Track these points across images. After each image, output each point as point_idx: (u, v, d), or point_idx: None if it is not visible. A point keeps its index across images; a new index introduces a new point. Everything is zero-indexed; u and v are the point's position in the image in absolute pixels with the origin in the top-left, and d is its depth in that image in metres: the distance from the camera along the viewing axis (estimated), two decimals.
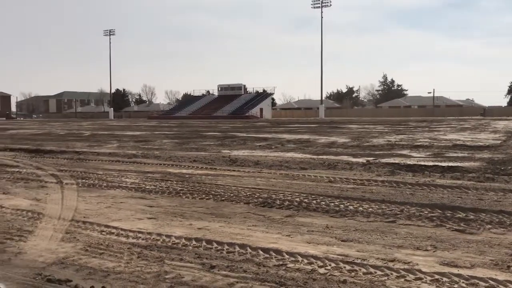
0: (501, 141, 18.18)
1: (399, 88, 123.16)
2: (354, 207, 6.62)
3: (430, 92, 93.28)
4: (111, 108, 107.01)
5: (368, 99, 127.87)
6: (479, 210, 6.28)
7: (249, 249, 4.73)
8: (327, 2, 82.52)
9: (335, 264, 4.26)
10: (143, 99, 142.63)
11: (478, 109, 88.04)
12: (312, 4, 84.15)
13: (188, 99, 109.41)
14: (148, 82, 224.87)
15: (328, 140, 19.99)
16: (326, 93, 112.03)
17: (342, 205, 6.76)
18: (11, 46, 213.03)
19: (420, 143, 17.37)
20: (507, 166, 10.38)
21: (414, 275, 3.98)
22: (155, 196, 7.71)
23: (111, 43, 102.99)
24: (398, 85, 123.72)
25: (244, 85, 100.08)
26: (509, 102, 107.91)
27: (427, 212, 6.27)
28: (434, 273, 3.99)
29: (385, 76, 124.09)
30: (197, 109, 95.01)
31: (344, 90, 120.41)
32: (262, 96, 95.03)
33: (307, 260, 4.37)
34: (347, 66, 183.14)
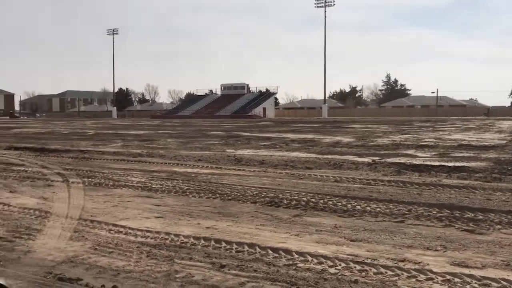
0: (507, 141, 18.11)
1: (403, 88, 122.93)
2: (362, 207, 6.60)
3: (434, 92, 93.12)
4: (114, 107, 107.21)
5: (371, 99, 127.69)
6: (488, 210, 6.25)
7: (258, 249, 4.71)
8: (331, 2, 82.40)
9: (345, 264, 4.24)
10: (146, 99, 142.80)
11: (482, 109, 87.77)
12: (316, 3, 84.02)
13: (191, 99, 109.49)
14: (151, 82, 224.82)
15: (333, 140, 19.96)
16: (329, 93, 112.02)
17: (350, 205, 6.74)
18: (15, 45, 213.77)
19: (425, 143, 17.33)
20: None
21: (425, 275, 3.96)
22: (162, 195, 7.70)
23: (115, 43, 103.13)
24: (402, 85, 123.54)
25: (247, 85, 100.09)
26: None
27: (435, 212, 6.24)
28: (446, 273, 3.97)
29: (389, 76, 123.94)
30: (200, 109, 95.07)
31: (347, 90, 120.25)
32: (265, 96, 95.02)
33: (317, 260, 4.35)
34: (351, 66, 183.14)
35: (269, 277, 3.90)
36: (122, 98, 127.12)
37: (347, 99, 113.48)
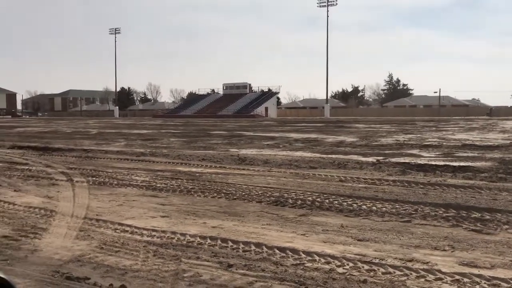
0: (511, 141, 18.04)
1: (405, 88, 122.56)
2: (368, 207, 6.58)
3: (436, 92, 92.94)
4: (117, 107, 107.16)
5: (374, 99, 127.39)
6: (494, 210, 6.23)
7: (265, 248, 4.70)
8: (333, 1, 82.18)
9: (353, 264, 4.22)
10: (148, 98, 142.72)
11: (484, 109, 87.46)
12: (318, 3, 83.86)
13: (193, 98, 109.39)
14: (153, 81, 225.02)
15: (336, 139, 19.92)
16: (331, 92, 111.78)
17: (355, 205, 6.72)
18: (17, 45, 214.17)
19: (429, 143, 17.28)
20: None
21: (434, 275, 3.94)
22: (167, 195, 7.69)
23: (117, 42, 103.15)
24: (404, 85, 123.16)
25: (249, 84, 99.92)
26: None
27: (442, 212, 6.22)
28: (455, 274, 3.95)
29: (391, 76, 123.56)
30: (202, 108, 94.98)
31: (350, 90, 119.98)
32: (267, 95, 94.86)
33: (325, 260, 4.33)
34: (353, 65, 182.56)
35: (277, 277, 3.88)
36: (124, 98, 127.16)
37: (349, 99, 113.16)
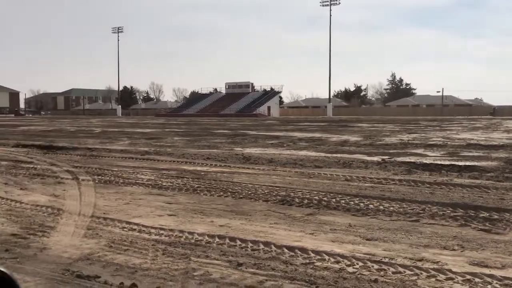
0: None
1: (408, 87, 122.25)
2: (375, 206, 6.56)
3: (439, 91, 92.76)
4: (119, 106, 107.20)
5: (376, 98, 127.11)
6: (503, 210, 6.20)
7: (274, 247, 4.69)
8: (336, 0, 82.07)
9: (363, 263, 4.21)
10: (151, 97, 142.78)
11: (487, 109, 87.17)
12: (321, 2, 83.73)
13: (196, 97, 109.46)
14: (156, 80, 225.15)
15: (340, 139, 19.89)
16: (334, 92, 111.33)
17: (362, 204, 6.71)
18: (20, 44, 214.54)
19: (434, 142, 17.24)
20: None
21: (445, 275, 3.92)
22: (173, 193, 7.69)
23: (120, 41, 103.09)
24: (407, 84, 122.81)
25: (252, 83, 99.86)
26: None
27: (450, 212, 6.19)
28: (465, 273, 3.93)
29: (394, 75, 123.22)
30: (205, 107, 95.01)
31: (352, 89, 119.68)
32: (270, 94, 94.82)
33: (334, 259, 4.32)
34: (355, 65, 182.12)
35: (288, 276, 3.87)
36: (127, 97, 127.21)
37: (352, 98, 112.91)
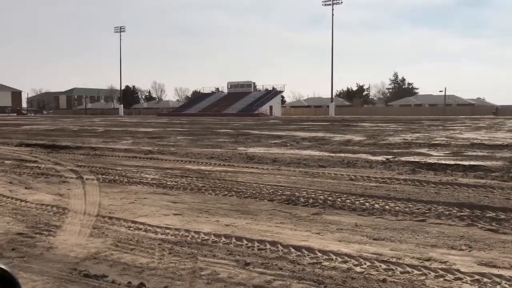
0: None
1: (410, 87, 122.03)
2: (381, 206, 6.54)
3: (442, 91, 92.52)
4: (121, 105, 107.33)
5: (379, 98, 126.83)
6: (509, 210, 6.17)
7: (280, 247, 4.67)
8: (338, 0, 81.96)
9: (370, 263, 4.19)
10: (153, 96, 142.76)
11: (490, 108, 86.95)
12: (323, 2, 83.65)
13: (198, 96, 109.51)
14: (158, 79, 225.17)
15: (344, 138, 19.87)
16: (336, 91, 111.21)
17: (368, 203, 6.69)
18: (22, 43, 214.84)
19: (437, 142, 17.20)
20: None
21: (453, 275, 3.90)
22: (178, 192, 7.68)
23: (122, 40, 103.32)
24: (409, 84, 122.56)
25: (254, 83, 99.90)
26: None
27: (456, 211, 6.17)
28: (474, 273, 3.91)
29: (396, 75, 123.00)
30: (207, 106, 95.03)
31: (355, 88, 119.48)
32: (272, 94, 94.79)
33: (341, 259, 4.30)
34: (357, 64, 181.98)
35: (295, 276, 3.86)
36: (129, 96, 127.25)
37: (354, 98, 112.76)
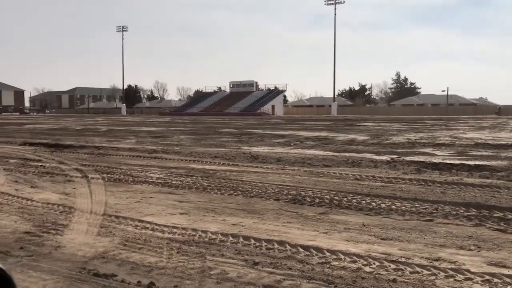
0: None
1: (412, 86, 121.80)
2: (387, 205, 6.53)
3: (444, 91, 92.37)
4: (124, 104, 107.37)
5: (381, 97, 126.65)
6: None
7: (288, 246, 4.67)
8: None
9: (379, 263, 4.18)
10: (155, 96, 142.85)
11: (493, 108, 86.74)
12: (326, 1, 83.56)
13: (200, 96, 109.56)
14: (160, 79, 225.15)
15: (347, 138, 19.84)
16: (338, 91, 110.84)
17: (374, 203, 6.67)
18: (25, 42, 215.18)
19: (442, 142, 17.17)
20: None
21: (463, 275, 3.89)
22: (184, 192, 7.68)
23: (124, 39, 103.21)
24: (411, 83, 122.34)
25: (256, 82, 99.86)
26: None
27: (463, 211, 6.15)
28: (484, 274, 3.90)
29: (398, 74, 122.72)
30: (209, 106, 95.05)
31: (357, 88, 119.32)
32: (274, 93, 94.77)
33: (350, 259, 4.29)
34: (360, 64, 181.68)
35: (305, 275, 3.85)
36: (131, 95, 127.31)
37: (357, 97, 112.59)
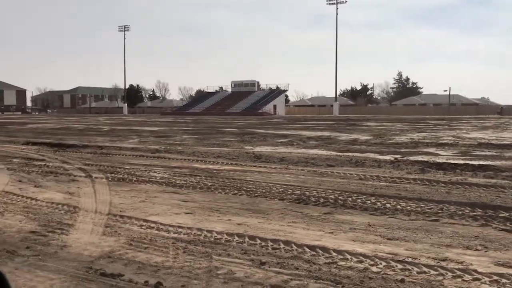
0: None
1: (414, 86, 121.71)
2: (392, 205, 6.51)
3: (446, 90, 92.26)
4: (125, 104, 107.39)
5: (382, 97, 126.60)
6: None
7: (295, 246, 4.65)
8: None
9: (386, 263, 4.16)
10: (157, 95, 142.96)
11: (495, 108, 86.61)
12: (327, 1, 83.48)
13: (202, 96, 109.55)
14: (162, 78, 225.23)
15: (350, 137, 19.82)
16: (340, 90, 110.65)
17: (379, 203, 6.66)
18: (26, 42, 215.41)
19: (445, 141, 17.14)
20: None
21: (471, 276, 3.87)
22: (188, 191, 7.67)
23: (126, 39, 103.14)
24: (413, 83, 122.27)
25: (258, 82, 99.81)
26: None
27: (468, 211, 6.13)
28: (492, 274, 3.88)
29: (400, 74, 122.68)
30: (211, 106, 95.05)
31: (358, 88, 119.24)
32: (276, 93, 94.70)
33: (357, 259, 4.28)
34: (361, 64, 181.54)
35: (312, 275, 3.83)
36: (133, 95, 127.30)
37: (358, 97, 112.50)
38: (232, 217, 5.91)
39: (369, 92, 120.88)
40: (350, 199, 6.90)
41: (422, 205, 6.49)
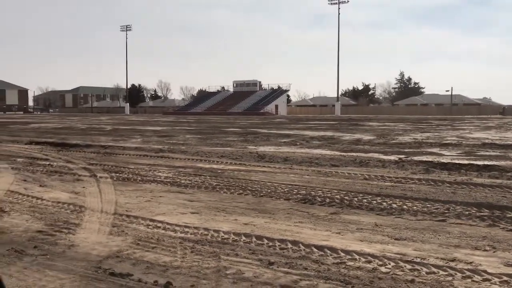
0: None
1: (416, 86, 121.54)
2: (398, 205, 6.50)
3: (448, 90, 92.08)
4: (127, 103, 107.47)
5: (384, 97, 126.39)
6: None
7: (302, 246, 4.64)
8: None
9: (395, 263, 4.15)
10: (159, 95, 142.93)
11: (497, 108, 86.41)
12: (329, 1, 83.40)
13: (203, 95, 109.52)
14: (164, 78, 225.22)
15: (353, 137, 19.80)
16: (342, 90, 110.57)
17: (385, 203, 6.65)
18: (29, 41, 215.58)
19: (448, 142, 17.11)
20: None
21: (481, 276, 3.85)
22: (193, 191, 7.67)
23: (128, 39, 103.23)
24: (415, 83, 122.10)
25: (259, 82, 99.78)
26: None
27: (475, 211, 6.12)
28: (501, 274, 3.87)
29: (402, 74, 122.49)
30: (212, 105, 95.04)
31: (360, 88, 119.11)
32: (278, 93, 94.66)
33: (365, 259, 4.27)
34: (363, 63, 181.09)
35: (321, 275, 3.82)
36: (135, 94, 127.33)
37: (360, 97, 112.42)
38: (238, 217, 5.90)
39: (371, 92, 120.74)
40: (356, 199, 6.89)
41: (429, 205, 6.48)
